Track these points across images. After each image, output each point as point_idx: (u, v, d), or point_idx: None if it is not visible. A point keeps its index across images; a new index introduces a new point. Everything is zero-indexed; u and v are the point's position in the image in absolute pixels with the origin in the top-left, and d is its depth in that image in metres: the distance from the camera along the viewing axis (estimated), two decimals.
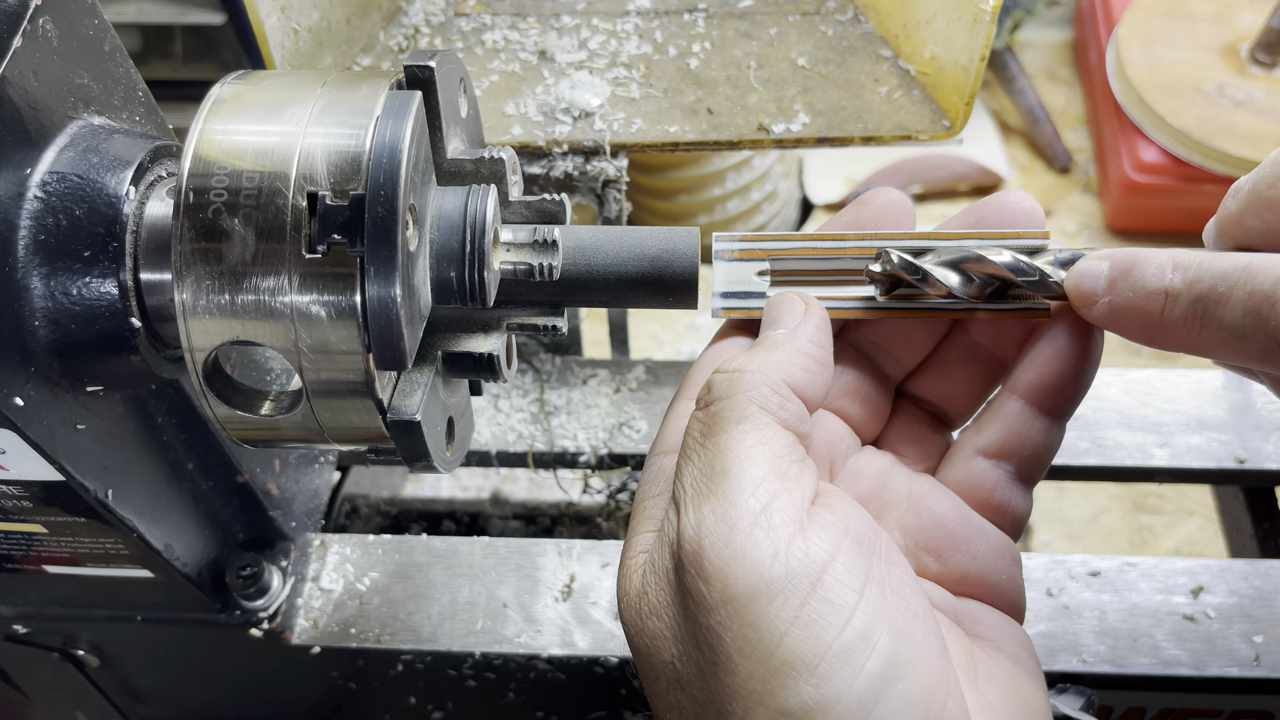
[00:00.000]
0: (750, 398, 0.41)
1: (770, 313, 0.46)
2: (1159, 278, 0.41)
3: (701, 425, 0.42)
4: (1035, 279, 0.44)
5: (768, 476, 0.39)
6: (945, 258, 0.45)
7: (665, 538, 0.41)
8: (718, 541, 0.38)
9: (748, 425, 0.40)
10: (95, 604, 0.67)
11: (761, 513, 0.38)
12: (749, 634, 0.36)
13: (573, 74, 0.73)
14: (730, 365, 0.43)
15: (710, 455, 0.40)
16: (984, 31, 0.61)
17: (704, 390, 0.43)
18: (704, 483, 0.40)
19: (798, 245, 0.48)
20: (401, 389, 0.46)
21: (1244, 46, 1.77)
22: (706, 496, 0.39)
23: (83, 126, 0.47)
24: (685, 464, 0.41)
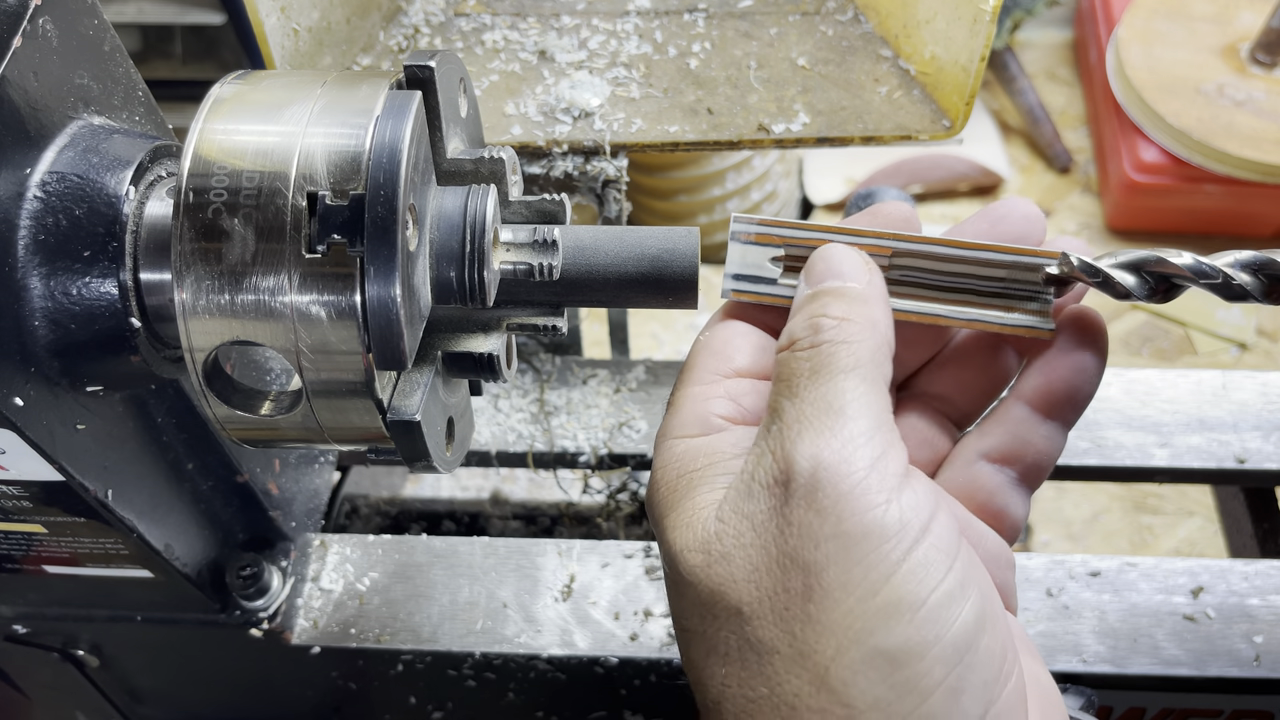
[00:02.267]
0: (866, 348, 0.42)
1: (824, 264, 0.46)
2: None
3: (809, 364, 0.41)
4: (1218, 281, 0.44)
5: (881, 428, 0.40)
6: (1124, 259, 0.46)
7: (760, 474, 0.40)
8: (835, 476, 0.38)
9: (861, 374, 0.41)
10: (95, 604, 0.67)
11: (879, 459, 0.39)
12: (855, 571, 0.37)
13: (573, 74, 0.73)
14: (832, 310, 0.43)
15: (823, 393, 0.40)
16: (984, 31, 0.61)
17: (805, 329, 0.43)
18: (818, 418, 0.40)
19: (814, 235, 0.48)
20: (401, 389, 0.45)
21: (1244, 46, 1.77)
22: (821, 432, 0.39)
23: (82, 126, 0.47)
24: (789, 400, 0.41)
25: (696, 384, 0.47)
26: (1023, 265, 0.47)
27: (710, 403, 0.46)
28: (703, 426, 0.45)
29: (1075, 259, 0.46)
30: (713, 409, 0.45)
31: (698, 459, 0.44)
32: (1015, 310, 0.47)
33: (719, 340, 0.48)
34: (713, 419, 0.45)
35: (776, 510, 0.39)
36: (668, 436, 0.46)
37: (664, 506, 0.44)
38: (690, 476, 0.44)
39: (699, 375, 0.47)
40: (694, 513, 0.42)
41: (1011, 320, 0.47)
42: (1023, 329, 0.47)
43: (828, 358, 0.41)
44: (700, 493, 0.43)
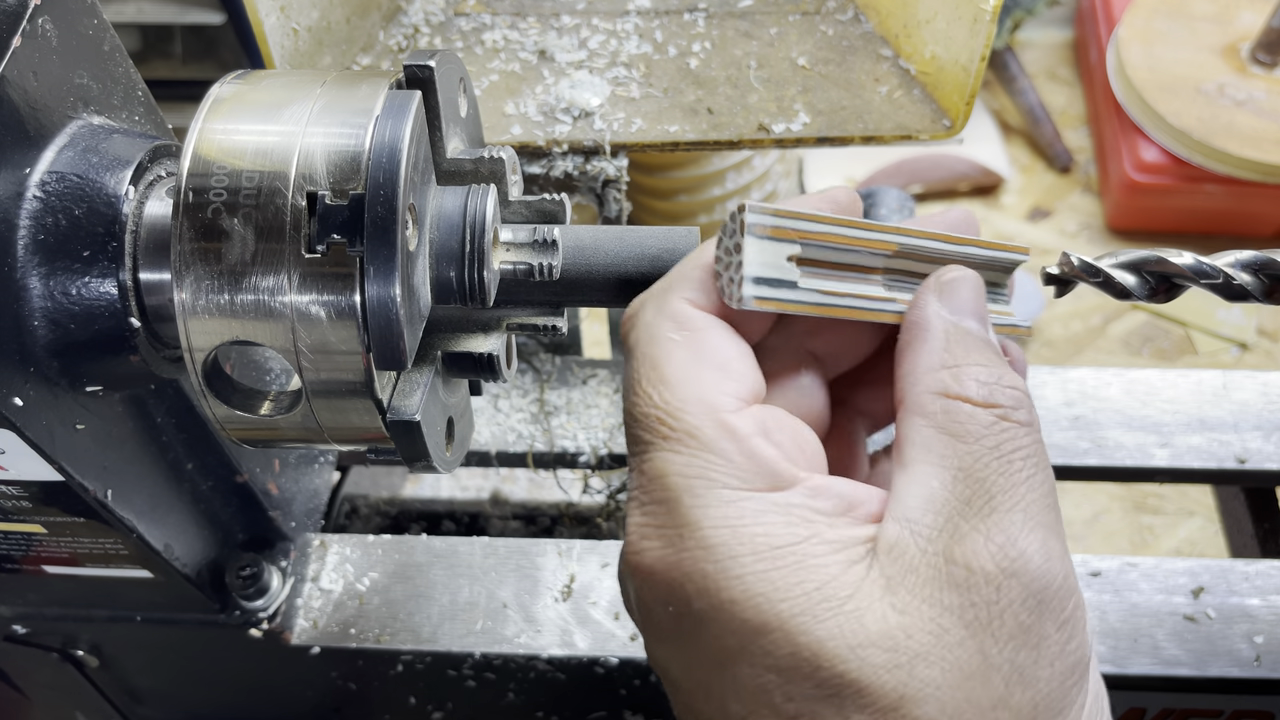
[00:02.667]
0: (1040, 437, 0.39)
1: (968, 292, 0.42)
2: None
3: (1028, 447, 0.38)
4: (1218, 281, 0.44)
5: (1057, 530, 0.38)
6: (1124, 259, 0.46)
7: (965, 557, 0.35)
8: (1069, 591, 0.36)
9: (1035, 467, 0.38)
10: (95, 604, 0.67)
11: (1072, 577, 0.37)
12: (1074, 693, 0.35)
13: (573, 74, 0.73)
14: (1019, 384, 0.40)
15: (1045, 491, 0.37)
16: (984, 31, 0.61)
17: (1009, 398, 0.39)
18: (1045, 514, 0.37)
19: (830, 230, 0.41)
20: (401, 389, 0.45)
21: (1244, 46, 1.77)
22: (1051, 535, 0.36)
23: (82, 126, 0.46)
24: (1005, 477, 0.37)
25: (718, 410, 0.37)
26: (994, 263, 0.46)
27: (757, 442, 0.37)
28: (767, 476, 0.36)
29: (1076, 259, 0.46)
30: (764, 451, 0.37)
31: (792, 524, 0.35)
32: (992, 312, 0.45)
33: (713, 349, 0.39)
34: (778, 465, 0.37)
35: (1011, 609, 0.34)
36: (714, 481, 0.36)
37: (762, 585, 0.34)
38: (795, 550, 0.35)
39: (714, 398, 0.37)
40: (841, 600, 0.34)
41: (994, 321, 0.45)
42: (1004, 328, 0.45)
43: (1038, 446, 0.38)
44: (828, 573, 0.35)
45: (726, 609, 0.35)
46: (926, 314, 0.41)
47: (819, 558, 0.35)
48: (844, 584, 0.35)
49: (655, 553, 0.37)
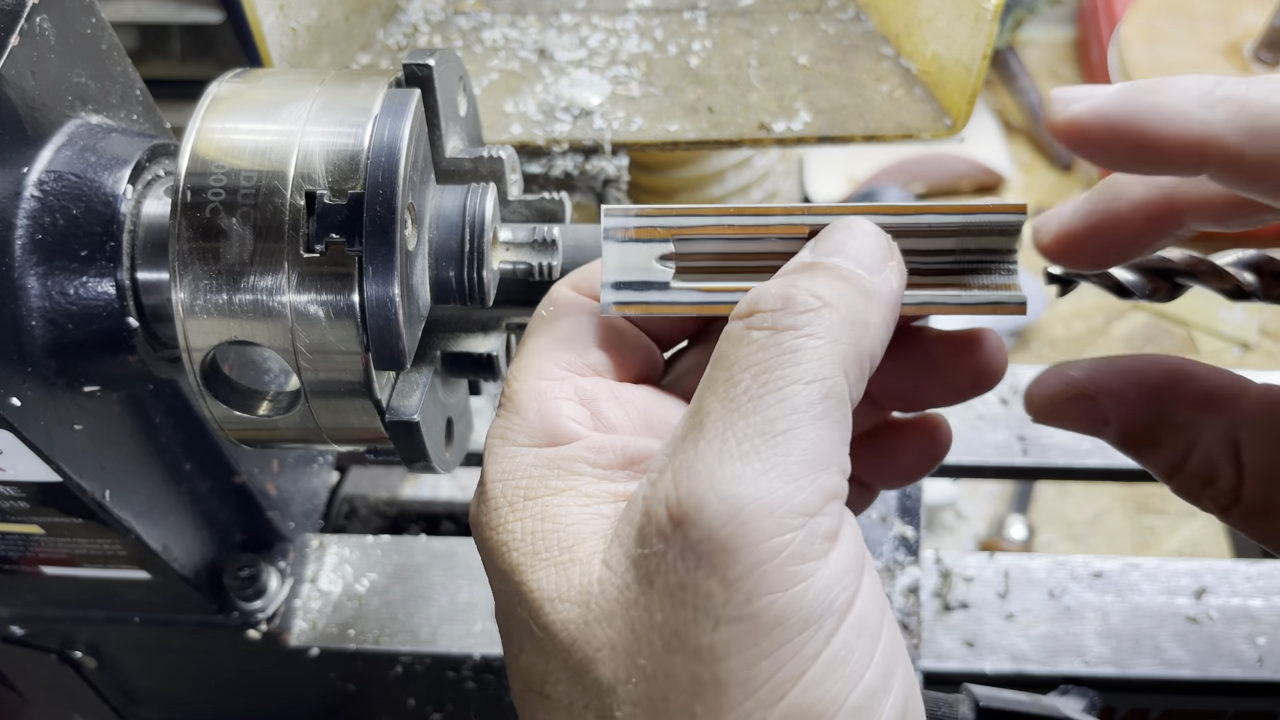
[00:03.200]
0: (839, 353, 0.32)
1: (841, 235, 0.36)
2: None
3: (762, 355, 0.32)
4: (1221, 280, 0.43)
5: (830, 464, 0.31)
6: None
7: (658, 505, 0.31)
8: (756, 536, 0.29)
9: (824, 389, 0.31)
10: (93, 605, 0.67)
11: (815, 514, 0.30)
12: (761, 667, 0.29)
13: (572, 72, 0.73)
14: (818, 287, 0.33)
15: (769, 403, 0.31)
16: (986, 30, 0.61)
17: (774, 299, 0.33)
18: (750, 440, 0.30)
19: (712, 222, 0.38)
20: (400, 389, 0.45)
21: (1247, 45, 1.77)
22: (750, 461, 0.30)
23: (80, 125, 0.46)
24: (720, 402, 0.31)
25: (539, 377, 0.38)
26: (977, 227, 0.38)
27: (558, 404, 0.37)
28: (549, 433, 0.36)
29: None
30: (563, 411, 0.37)
31: (549, 478, 0.35)
32: (973, 288, 0.39)
33: (568, 326, 0.40)
34: (563, 424, 0.36)
35: (671, 564, 0.30)
36: (507, 439, 0.37)
37: (504, 534, 0.35)
38: (543, 503, 0.35)
39: (543, 366, 0.38)
40: (561, 550, 0.33)
41: (972, 299, 0.39)
42: (987, 306, 0.38)
43: (789, 354, 0.31)
44: (562, 522, 0.34)
45: (491, 557, 0.36)
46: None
47: (568, 508, 0.34)
48: (576, 535, 0.33)
49: (471, 507, 0.38)
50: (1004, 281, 0.39)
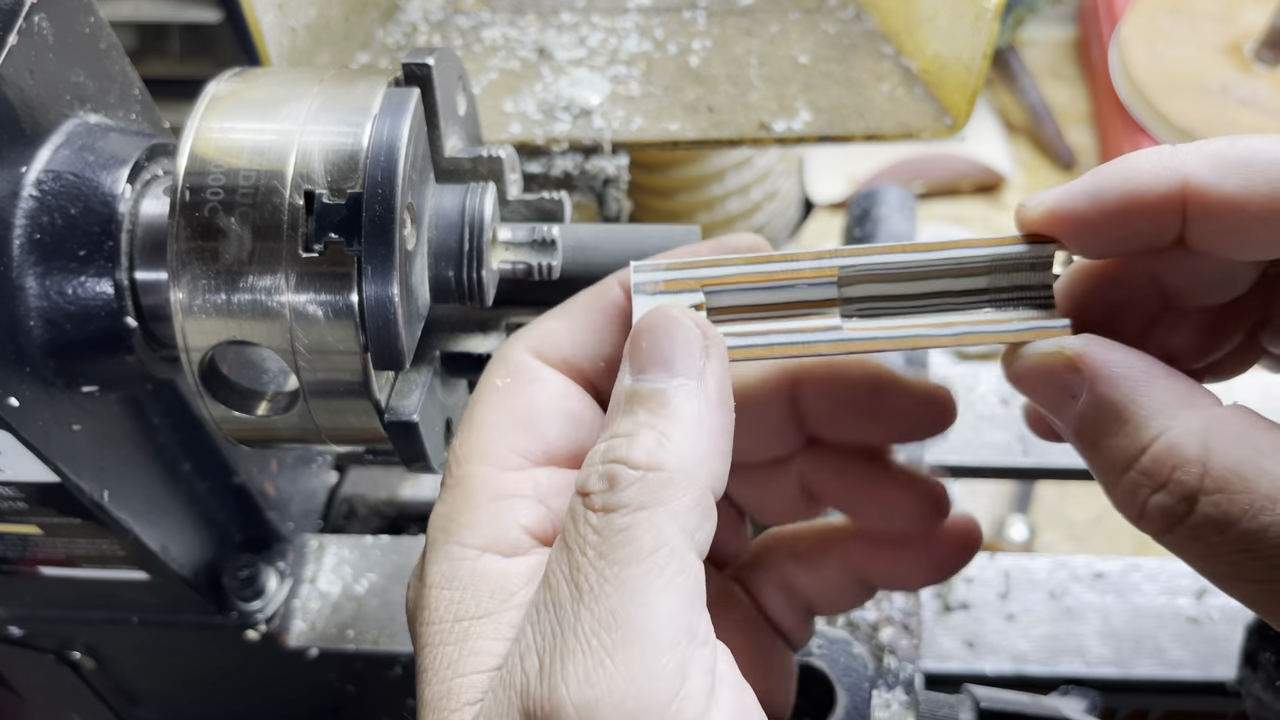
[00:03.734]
0: (671, 514, 0.31)
1: (648, 343, 0.35)
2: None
3: (597, 540, 0.31)
4: None
5: (681, 638, 0.30)
6: None
7: (519, 691, 0.30)
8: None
9: (663, 558, 0.30)
10: (91, 606, 0.67)
11: (671, 702, 0.29)
12: None
13: (572, 71, 0.73)
14: (636, 452, 0.32)
15: (609, 591, 0.30)
16: (986, 29, 0.61)
17: (599, 480, 0.32)
18: (598, 636, 0.29)
19: (740, 271, 0.38)
20: (399, 389, 0.45)
21: (1248, 45, 1.77)
22: (602, 660, 0.29)
23: (78, 124, 0.46)
24: (568, 588, 0.31)
25: (494, 465, 0.36)
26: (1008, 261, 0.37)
27: (512, 504, 0.35)
28: (501, 541, 0.34)
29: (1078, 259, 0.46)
30: (516, 516, 0.35)
31: (481, 598, 0.33)
32: (1012, 320, 0.37)
33: (526, 402, 0.37)
34: (515, 533, 0.34)
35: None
36: (453, 537, 0.35)
37: (429, 658, 0.33)
38: (466, 628, 0.33)
39: (498, 451, 0.36)
40: (456, 707, 0.32)
41: (1011, 328, 0.37)
42: (1030, 333, 0.37)
43: (620, 534, 0.30)
44: (469, 668, 0.32)
45: (419, 670, 0.34)
46: (617, 381, 0.35)
47: (484, 641, 0.33)
48: (474, 688, 0.32)
49: (409, 595, 0.36)
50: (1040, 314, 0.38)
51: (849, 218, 0.86)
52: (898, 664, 0.59)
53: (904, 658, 0.60)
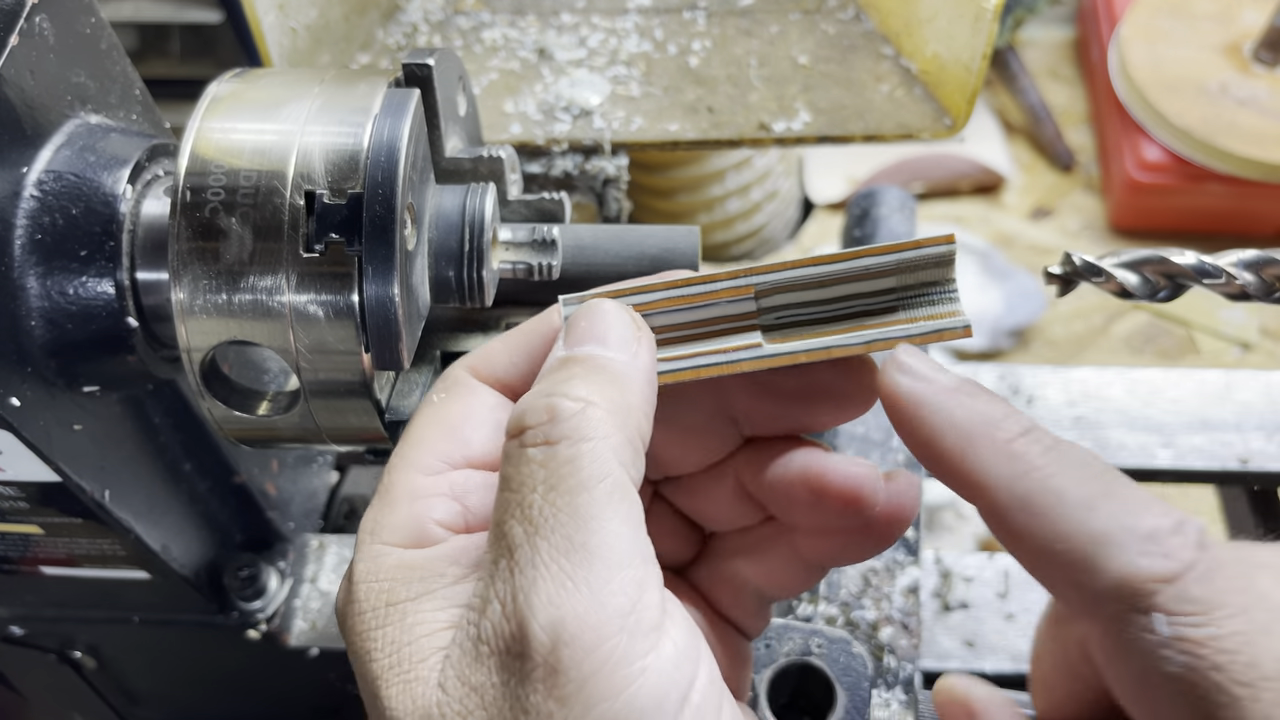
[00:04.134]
0: (611, 447, 0.33)
1: (587, 322, 0.38)
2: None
3: (545, 473, 0.33)
4: (1221, 280, 0.44)
5: (634, 557, 0.32)
6: (1127, 258, 0.45)
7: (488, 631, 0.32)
8: (581, 650, 0.30)
9: (609, 486, 0.33)
10: (92, 605, 0.67)
11: (634, 608, 0.31)
12: None
13: (572, 72, 0.73)
14: (575, 389, 0.34)
15: (563, 521, 0.32)
16: (986, 30, 0.61)
17: (539, 413, 0.34)
18: (557, 560, 0.31)
19: (661, 296, 0.40)
20: (400, 389, 0.45)
21: (1247, 45, 1.77)
22: (562, 582, 0.31)
23: (79, 125, 0.46)
24: (522, 525, 0.32)
25: (417, 470, 0.38)
26: (912, 263, 0.40)
27: (429, 503, 0.37)
28: (416, 534, 0.37)
29: (1078, 258, 0.46)
30: (431, 513, 0.37)
31: (411, 582, 0.36)
32: (919, 320, 0.40)
33: (456, 412, 0.39)
34: (429, 527, 0.37)
35: (511, 690, 0.31)
36: (376, 537, 0.37)
37: (369, 642, 0.35)
38: (403, 609, 0.35)
39: (422, 458, 0.38)
40: (411, 665, 0.34)
41: (918, 330, 0.40)
42: (933, 335, 0.40)
43: (567, 465, 0.32)
44: (417, 635, 0.34)
45: (356, 662, 0.36)
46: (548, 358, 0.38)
47: (425, 614, 0.35)
48: (427, 648, 0.34)
49: (338, 597, 0.38)
50: (948, 310, 0.40)
51: (848, 218, 0.86)
52: (897, 663, 0.59)
53: (903, 657, 0.60)
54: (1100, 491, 0.33)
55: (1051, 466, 0.33)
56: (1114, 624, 0.31)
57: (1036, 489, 0.33)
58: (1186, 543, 0.32)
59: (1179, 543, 0.32)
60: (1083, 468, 0.33)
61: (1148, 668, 0.31)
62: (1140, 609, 0.31)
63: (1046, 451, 0.34)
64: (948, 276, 0.40)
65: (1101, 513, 0.32)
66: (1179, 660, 0.30)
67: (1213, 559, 0.31)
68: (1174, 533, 0.32)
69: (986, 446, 0.34)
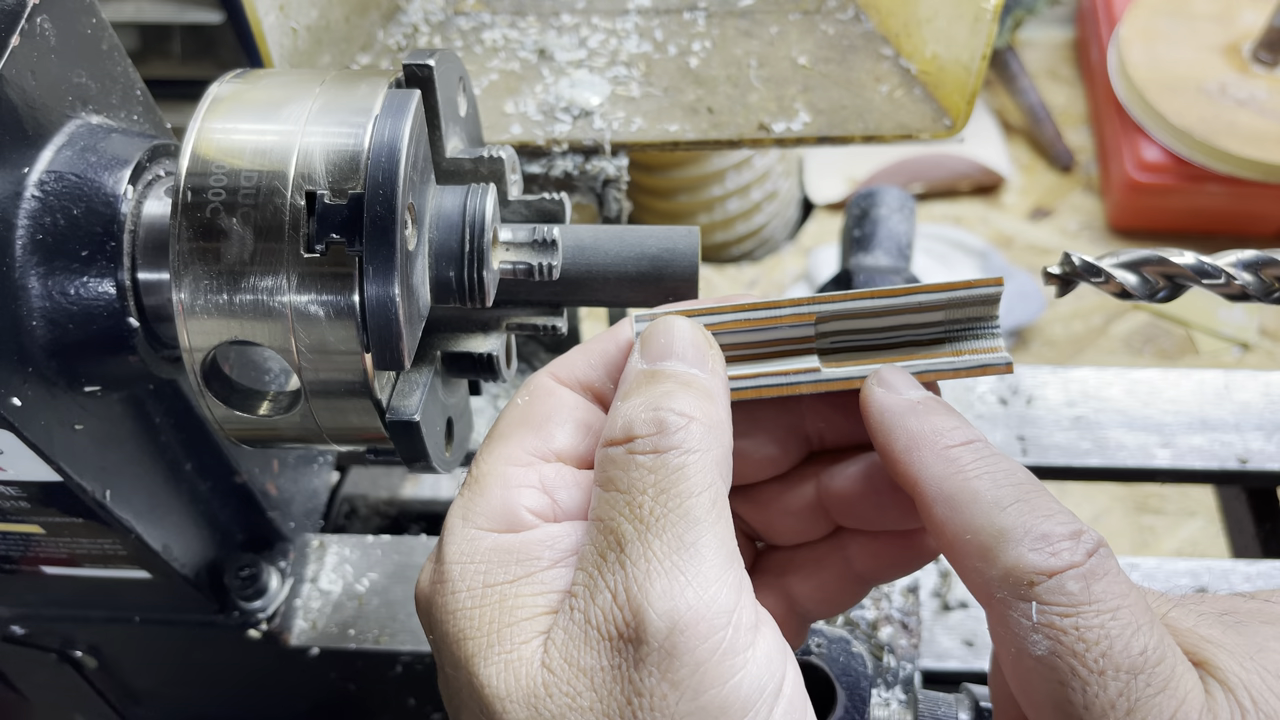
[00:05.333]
0: (713, 460, 0.36)
1: (666, 339, 0.40)
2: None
3: (655, 477, 0.36)
4: (1220, 280, 0.44)
5: (733, 562, 0.35)
6: (1126, 258, 0.45)
7: (598, 618, 0.35)
8: (694, 639, 0.33)
9: (712, 495, 0.36)
10: (93, 605, 0.67)
11: (735, 608, 0.34)
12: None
13: (572, 73, 0.73)
14: (679, 404, 0.37)
15: (674, 523, 0.35)
16: (985, 30, 0.61)
17: (647, 425, 0.37)
18: (670, 557, 0.34)
19: (729, 318, 0.43)
20: (400, 389, 0.45)
21: (1246, 45, 1.77)
22: (675, 577, 0.34)
23: (80, 125, 0.46)
24: (633, 525, 0.35)
25: (507, 462, 0.40)
26: (962, 301, 0.43)
27: (520, 492, 0.39)
28: (509, 520, 0.39)
29: (1077, 258, 0.46)
30: (522, 500, 0.39)
31: (509, 565, 0.37)
32: (964, 353, 0.44)
33: (540, 412, 0.42)
34: (521, 513, 0.39)
35: (623, 673, 0.34)
36: (469, 521, 0.39)
37: (464, 622, 0.37)
38: (501, 591, 0.37)
39: (511, 451, 0.41)
40: (513, 647, 0.36)
41: (964, 364, 0.43)
42: (977, 369, 0.43)
43: (677, 473, 0.36)
44: (518, 617, 0.36)
45: (445, 643, 0.38)
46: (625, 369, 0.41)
47: (523, 598, 0.37)
48: (528, 630, 0.36)
49: (422, 580, 0.40)
50: (989, 345, 0.44)
51: (848, 218, 0.86)
52: (897, 663, 0.60)
53: (903, 656, 0.60)
54: (1013, 497, 0.36)
55: (976, 470, 0.37)
56: (1000, 608, 0.35)
57: (959, 487, 0.37)
58: (1075, 548, 0.34)
59: (1067, 546, 0.34)
60: (1006, 475, 0.37)
61: (1021, 650, 0.34)
62: (1022, 597, 0.34)
63: (979, 460, 0.37)
64: (992, 314, 0.44)
65: (1009, 512, 0.35)
66: (1044, 644, 0.33)
67: (1098, 565, 0.34)
68: (1067, 538, 0.35)
69: (928, 450, 0.38)
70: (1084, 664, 0.33)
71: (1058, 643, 0.33)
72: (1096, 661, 0.33)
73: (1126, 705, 0.32)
